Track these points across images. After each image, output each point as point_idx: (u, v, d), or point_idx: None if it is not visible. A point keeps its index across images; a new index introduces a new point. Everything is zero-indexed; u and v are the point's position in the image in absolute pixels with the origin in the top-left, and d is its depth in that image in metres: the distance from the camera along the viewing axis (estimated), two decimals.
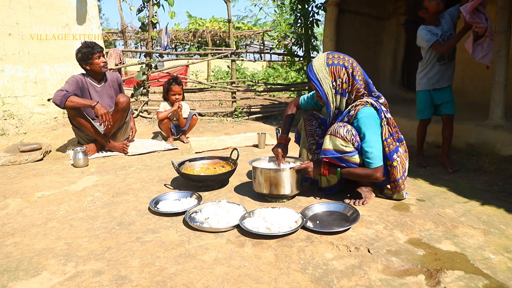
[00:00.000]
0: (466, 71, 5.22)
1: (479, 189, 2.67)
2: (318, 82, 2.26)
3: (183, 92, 4.55)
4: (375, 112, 2.22)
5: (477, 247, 1.82)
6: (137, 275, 1.60)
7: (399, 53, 6.76)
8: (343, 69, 2.22)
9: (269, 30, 17.67)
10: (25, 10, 4.92)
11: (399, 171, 2.29)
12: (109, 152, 3.83)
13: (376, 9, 6.66)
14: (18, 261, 1.74)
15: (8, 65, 4.87)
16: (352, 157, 2.23)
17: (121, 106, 3.69)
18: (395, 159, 2.27)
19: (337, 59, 2.24)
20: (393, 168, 2.29)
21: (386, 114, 2.26)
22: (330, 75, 2.22)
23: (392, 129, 2.28)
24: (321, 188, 2.55)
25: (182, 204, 2.37)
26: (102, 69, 3.73)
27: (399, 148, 2.31)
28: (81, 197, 2.57)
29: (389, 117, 2.28)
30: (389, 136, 2.25)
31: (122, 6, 14.19)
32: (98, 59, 3.68)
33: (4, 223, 2.18)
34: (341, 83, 2.23)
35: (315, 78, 2.26)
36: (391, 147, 2.26)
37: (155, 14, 6.13)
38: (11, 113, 4.92)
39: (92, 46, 3.65)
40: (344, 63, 2.23)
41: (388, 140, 2.25)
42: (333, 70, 2.22)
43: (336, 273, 1.60)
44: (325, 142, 2.28)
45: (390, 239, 1.90)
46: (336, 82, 2.23)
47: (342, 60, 2.24)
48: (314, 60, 2.31)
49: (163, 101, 4.53)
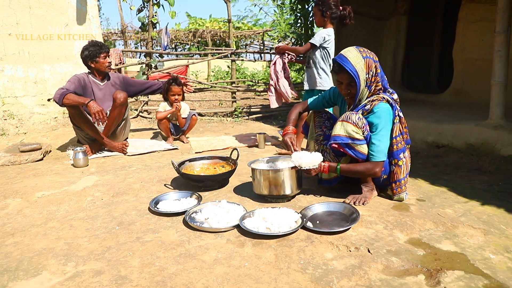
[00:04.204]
0: (466, 71, 5.22)
1: (479, 189, 2.68)
2: (357, 74, 2.25)
3: (183, 93, 4.54)
4: (390, 108, 2.25)
5: (477, 247, 1.82)
6: (137, 275, 1.60)
7: (399, 53, 6.76)
8: (374, 62, 2.27)
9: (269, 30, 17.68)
10: (25, 10, 4.92)
11: (403, 172, 2.31)
12: (108, 152, 3.83)
13: (376, 9, 6.66)
14: (18, 261, 1.74)
15: (8, 65, 4.87)
16: (361, 146, 2.23)
17: (118, 102, 3.69)
18: (401, 159, 2.29)
19: (367, 52, 2.29)
20: (397, 167, 2.30)
21: (399, 112, 2.29)
22: (365, 67, 2.25)
23: (403, 128, 2.30)
24: (322, 180, 2.56)
25: (182, 204, 2.37)
26: (106, 69, 3.84)
27: (406, 148, 2.32)
28: (81, 197, 2.57)
29: (401, 115, 2.30)
30: (399, 134, 2.28)
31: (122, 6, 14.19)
32: (104, 59, 3.78)
33: (4, 223, 2.17)
34: (370, 76, 2.27)
35: (354, 69, 2.24)
36: (399, 145, 2.28)
37: (155, 14, 6.13)
38: (11, 113, 4.91)
39: (100, 46, 3.77)
40: (374, 57, 2.29)
41: (397, 138, 2.27)
42: (368, 63, 2.25)
43: (336, 273, 1.60)
44: (336, 128, 2.28)
45: (390, 239, 1.90)
46: (368, 74, 2.27)
47: (372, 54, 2.30)
48: (345, 53, 2.29)
49: (163, 101, 4.53)
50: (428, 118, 4.17)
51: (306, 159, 2.28)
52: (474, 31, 5.07)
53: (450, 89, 5.48)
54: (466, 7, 5.27)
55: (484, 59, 4.75)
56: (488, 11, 4.65)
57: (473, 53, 5.11)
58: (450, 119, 4.00)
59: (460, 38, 5.36)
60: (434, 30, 7.26)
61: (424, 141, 3.46)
